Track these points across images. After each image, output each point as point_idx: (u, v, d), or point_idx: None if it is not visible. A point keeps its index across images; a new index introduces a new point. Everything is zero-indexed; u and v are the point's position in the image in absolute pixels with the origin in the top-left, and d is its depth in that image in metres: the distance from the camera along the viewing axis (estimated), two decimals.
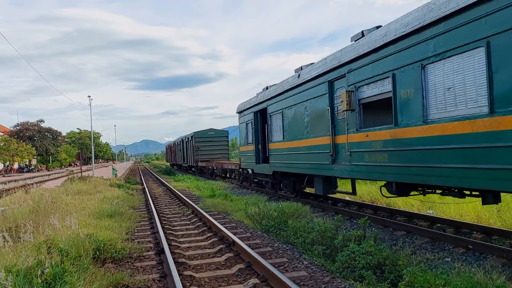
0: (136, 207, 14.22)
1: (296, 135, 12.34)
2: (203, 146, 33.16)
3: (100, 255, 6.82)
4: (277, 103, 13.90)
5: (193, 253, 7.47)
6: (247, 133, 17.84)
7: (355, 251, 5.99)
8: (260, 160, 16.47)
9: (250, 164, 17.66)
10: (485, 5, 5.71)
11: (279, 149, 13.88)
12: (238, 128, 20.86)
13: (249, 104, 17.49)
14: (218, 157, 32.96)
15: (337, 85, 10.01)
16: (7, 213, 10.24)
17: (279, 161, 13.94)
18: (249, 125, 17.59)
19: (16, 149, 51.08)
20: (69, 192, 16.20)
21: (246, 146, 18.17)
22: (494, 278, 5.25)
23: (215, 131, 34.80)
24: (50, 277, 4.53)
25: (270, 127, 14.85)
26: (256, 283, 5.54)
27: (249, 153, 17.47)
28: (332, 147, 10.17)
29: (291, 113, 12.76)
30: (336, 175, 10.32)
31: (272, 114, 14.51)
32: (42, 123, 70.29)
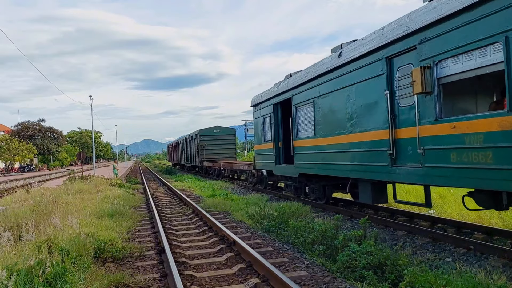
0: (137, 207, 14.23)
1: (334, 130, 10.18)
2: (209, 145, 31.02)
3: (101, 254, 6.82)
4: (306, 92, 11.67)
5: (193, 253, 7.47)
6: (264, 129, 15.70)
7: (356, 251, 5.99)
8: (281, 160, 14.45)
9: (267, 165, 15.56)
10: None
11: (308, 147, 11.69)
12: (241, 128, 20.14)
13: (267, 95, 15.20)
14: (224, 157, 30.88)
15: (400, 62, 7.81)
16: (8, 213, 10.25)
17: (308, 162, 11.77)
18: (267, 120, 15.43)
19: (17, 148, 51.15)
20: (70, 192, 16.22)
21: (262, 145, 16.07)
22: (495, 278, 5.24)
23: (221, 128, 32.56)
24: (51, 277, 4.54)
25: (296, 121, 12.59)
26: (256, 282, 5.54)
27: (267, 152, 15.39)
28: (391, 144, 7.96)
29: (327, 102, 10.50)
30: (397, 180, 8.05)
31: (299, 105, 12.25)
32: (43, 122, 70.39)
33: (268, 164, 15.50)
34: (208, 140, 31.19)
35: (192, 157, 35.51)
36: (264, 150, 15.87)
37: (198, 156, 31.86)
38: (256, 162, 17.09)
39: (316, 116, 11.15)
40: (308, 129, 11.85)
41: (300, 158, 12.33)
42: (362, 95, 9.02)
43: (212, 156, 30.79)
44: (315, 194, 12.30)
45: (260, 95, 16.16)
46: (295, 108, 12.59)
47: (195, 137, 33.37)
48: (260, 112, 16.19)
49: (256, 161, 17.08)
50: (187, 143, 38.26)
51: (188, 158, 38.52)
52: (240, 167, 22.35)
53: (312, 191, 12.51)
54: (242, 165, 21.99)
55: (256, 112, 16.88)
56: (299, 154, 12.45)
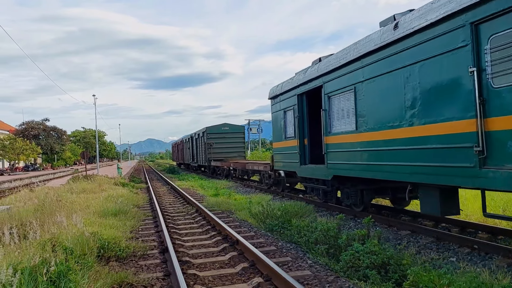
0: (140, 206, 14.27)
1: (385, 122, 8.20)
2: (217, 143, 29.36)
3: (104, 253, 6.85)
4: (345, 77, 9.77)
5: (197, 252, 7.48)
6: (285, 124, 13.73)
7: (359, 250, 5.97)
8: (306, 159, 12.43)
9: (289, 166, 13.58)
10: None
11: (347, 144, 9.78)
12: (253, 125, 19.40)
13: (289, 84, 13.21)
14: (233, 156, 29.51)
15: (494, 28, 5.82)
16: (12, 211, 10.30)
17: (346, 162, 9.79)
18: (288, 114, 13.48)
19: (21, 147, 51.40)
20: (74, 191, 16.28)
21: (283, 142, 14.11)
22: (499, 278, 5.22)
23: (230, 126, 30.82)
24: (55, 275, 4.56)
25: (329, 113, 10.59)
26: (260, 282, 5.54)
27: (289, 150, 13.41)
28: (480, 138, 6.05)
29: (375, 87, 8.55)
30: (490, 186, 6.10)
31: (334, 93, 10.28)
32: (47, 122, 70.68)
33: (290, 165, 13.56)
34: (216, 138, 29.65)
35: (198, 156, 34.09)
36: (285, 148, 13.95)
37: (205, 155, 30.36)
38: (275, 162, 15.16)
39: (359, 106, 9.19)
40: (346, 123, 9.88)
41: (335, 158, 10.36)
42: (430, 75, 7.08)
43: (220, 155, 29.36)
44: (350, 200, 10.42)
45: (281, 85, 14.12)
46: (328, 98, 10.57)
47: (202, 135, 31.73)
48: (280, 104, 14.18)
49: (274, 161, 15.21)
50: (193, 141, 36.68)
51: (194, 157, 37.15)
52: (254, 167, 20.08)
53: (347, 196, 10.57)
54: (257, 165, 19.67)
55: (275, 105, 14.87)
56: (333, 152, 10.44)
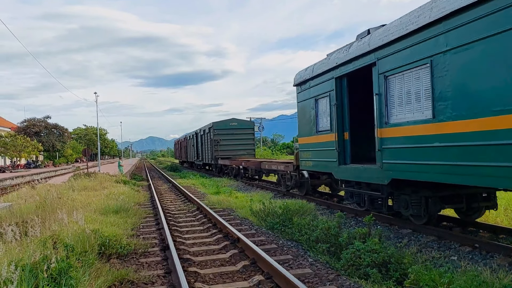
0: (141, 204, 14.28)
1: (488, 106, 6.02)
2: (224, 140, 27.42)
3: (105, 250, 6.86)
4: (413, 49, 7.42)
5: (198, 250, 7.48)
6: (317, 115, 11.49)
7: (360, 248, 5.97)
8: (347, 158, 10.15)
9: (323, 165, 11.33)
10: None
11: (416, 137, 7.46)
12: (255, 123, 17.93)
13: (324, 66, 10.85)
14: (242, 154, 27.51)
15: None
16: (14, 209, 10.32)
17: (414, 161, 7.50)
18: (321, 102, 11.19)
19: (22, 145, 51.49)
20: (75, 188, 16.31)
21: (313, 137, 11.83)
22: (501, 277, 5.20)
23: (238, 121, 28.85)
24: (56, 272, 4.56)
25: (386, 98, 8.32)
26: (260, 280, 5.54)
27: (322, 147, 11.18)
28: None
29: (470, 58, 6.33)
30: None
31: (395, 72, 7.98)
32: (48, 119, 70.77)
33: (323, 164, 11.27)
34: (224, 134, 27.57)
35: (204, 154, 32.20)
36: (316, 144, 11.68)
37: (211, 153, 28.46)
38: (301, 161, 12.88)
39: (438, 86, 6.98)
40: (415, 109, 7.60)
41: (395, 156, 8.09)
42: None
43: (228, 152, 27.41)
44: (409, 210, 8.24)
45: (311, 68, 11.76)
46: (384, 79, 8.35)
47: (208, 131, 29.69)
48: (310, 92, 11.90)
49: (300, 160, 12.96)
50: (198, 138, 34.67)
51: (198, 155, 35.20)
52: (271, 167, 17.49)
53: (405, 205, 8.38)
54: (275, 165, 17.07)
55: (302, 93, 12.55)
56: (392, 149, 8.19)
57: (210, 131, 28.77)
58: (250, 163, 21.27)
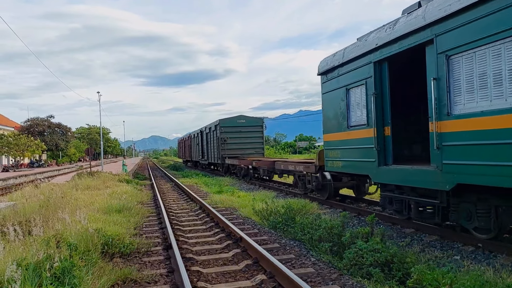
0: (144, 203, 14.32)
1: None
2: (232, 138, 26.03)
3: (108, 249, 6.88)
4: (498, 15, 5.85)
5: (200, 249, 7.50)
6: (348, 107, 9.92)
7: (363, 248, 5.97)
8: (388, 158, 8.64)
9: (356, 166, 9.76)
10: None
11: (496, 131, 5.96)
12: None
13: (359, 49, 9.28)
14: (250, 153, 26.10)
15: None
16: (17, 208, 10.37)
17: (495, 162, 5.96)
18: (355, 92, 9.58)
19: (25, 144, 51.67)
20: (78, 187, 16.36)
21: (343, 133, 10.21)
22: (504, 277, 5.19)
23: (246, 118, 27.13)
24: (59, 271, 4.58)
25: (448, 83, 6.79)
26: (263, 279, 5.55)
27: (356, 144, 9.63)
28: None
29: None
30: None
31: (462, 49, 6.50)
32: (52, 118, 70.97)
33: (357, 165, 9.74)
34: (231, 132, 26.16)
35: (209, 153, 30.84)
36: (347, 142, 10.06)
37: (218, 152, 27.04)
38: (327, 161, 11.17)
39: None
40: (494, 95, 6.05)
41: (463, 155, 6.55)
42: None
43: (235, 151, 26.05)
44: (476, 222, 6.88)
45: (341, 53, 10.13)
46: (446, 59, 6.82)
47: (214, 129, 28.25)
48: (339, 81, 10.30)
49: (326, 159, 11.25)
50: (203, 136, 33.14)
51: (203, 154, 33.78)
52: (288, 167, 15.67)
53: (467, 216, 7.03)
54: (293, 165, 15.23)
55: (328, 83, 10.93)
56: (458, 147, 6.66)
57: (216, 129, 27.33)
58: (261, 163, 19.64)
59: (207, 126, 31.22)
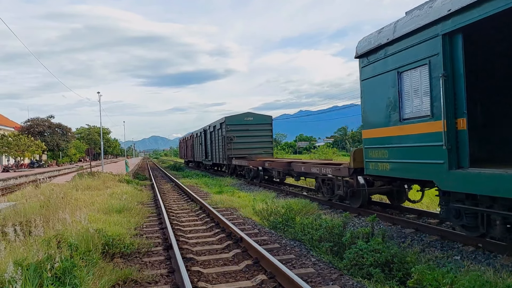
0: (144, 203, 14.32)
1: None
2: (239, 137, 24.37)
3: (109, 250, 6.88)
4: None
5: (201, 249, 7.50)
6: (401, 96, 8.09)
7: (363, 248, 5.97)
8: (464, 158, 6.76)
9: (415, 169, 7.79)
10: None
11: None
12: None
13: (419, 20, 7.36)
14: (258, 153, 24.54)
15: None
16: (18, 208, 10.37)
17: None
18: (410, 76, 7.77)
19: (25, 144, 51.68)
20: (79, 188, 16.36)
21: (394, 127, 8.31)
22: (504, 277, 5.20)
23: (254, 116, 25.51)
24: (60, 272, 4.59)
25: None
26: (263, 279, 5.55)
27: (413, 141, 7.72)
28: None
29: None
30: None
31: None
32: (52, 118, 70.97)
33: (416, 168, 7.76)
34: (238, 130, 24.47)
35: (213, 153, 29.29)
36: (399, 138, 8.19)
37: (223, 152, 25.50)
38: (368, 162, 9.37)
39: None
40: None
41: None
42: None
43: (242, 151, 24.44)
44: None
45: (391, 28, 8.29)
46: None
47: (219, 127, 26.59)
48: (387, 62, 8.47)
49: (367, 160, 9.45)
50: (207, 135, 31.58)
51: (207, 154, 32.09)
52: (311, 170, 13.31)
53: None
54: (317, 167, 12.87)
55: (369, 67, 9.16)
56: None
57: (222, 127, 25.68)
58: (275, 164, 17.55)
59: (211, 124, 29.71)
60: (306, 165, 14.31)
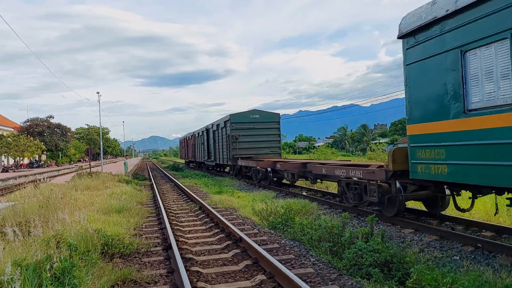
0: (144, 203, 14.31)
1: None
2: (244, 136, 23.08)
3: (108, 250, 6.88)
4: None
5: (200, 249, 7.50)
6: (465, 81, 6.68)
7: (362, 248, 5.98)
8: None
9: (483, 173, 6.39)
10: None
11: None
12: None
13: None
14: (265, 153, 23.16)
15: None
16: (17, 208, 10.36)
17: None
18: (478, 56, 6.38)
19: (25, 144, 51.66)
20: (78, 188, 16.36)
21: (454, 121, 6.90)
22: (503, 277, 5.20)
23: (261, 113, 23.98)
24: (59, 272, 4.58)
25: None
26: (263, 279, 5.55)
27: (485, 138, 6.28)
28: None
29: None
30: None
31: None
32: (51, 118, 70.93)
33: (485, 172, 6.34)
34: (243, 129, 23.16)
35: (217, 153, 27.92)
36: (461, 134, 6.79)
37: (227, 152, 24.16)
38: (416, 164, 7.92)
39: None
40: None
41: None
42: None
43: (248, 151, 23.13)
44: None
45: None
46: None
47: (223, 126, 25.23)
48: (444, 40, 7.06)
49: (413, 161, 7.99)
50: (209, 134, 30.56)
51: (210, 155, 30.99)
52: (334, 172, 11.45)
53: None
54: (342, 170, 11.03)
55: (418, 48, 7.72)
56: None
57: (226, 126, 24.32)
58: (289, 165, 15.72)
59: (214, 123, 28.24)
60: (327, 166, 12.21)
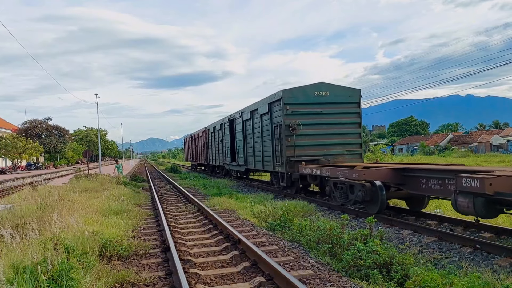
0: (142, 205, 14.27)
1: None
2: (306, 126, 14.27)
3: (106, 252, 6.84)
4: None
5: (198, 251, 7.47)
6: None
7: (361, 249, 5.96)
8: None
9: None
10: None
11: None
12: None
13: None
14: (339, 153, 14.62)
15: None
16: (14, 210, 10.31)
17: None
18: None
19: (23, 146, 51.54)
20: (76, 190, 16.29)
21: None
22: (502, 278, 5.19)
23: (331, 88, 14.76)
24: (56, 274, 4.55)
25: None
26: (261, 281, 5.53)
27: None
28: None
29: None
30: None
31: None
32: (49, 120, 70.85)
33: None
34: (304, 114, 14.36)
35: (248, 153, 19.27)
36: None
37: (275, 151, 15.15)
38: None
39: None
40: None
41: None
42: None
43: (313, 149, 14.45)
44: None
45: None
46: None
47: (265, 111, 15.95)
48: None
49: None
50: (235, 127, 21.46)
51: (234, 157, 22.05)
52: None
53: None
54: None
55: None
56: None
57: (272, 110, 15.48)
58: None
59: (246, 109, 19.12)
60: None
